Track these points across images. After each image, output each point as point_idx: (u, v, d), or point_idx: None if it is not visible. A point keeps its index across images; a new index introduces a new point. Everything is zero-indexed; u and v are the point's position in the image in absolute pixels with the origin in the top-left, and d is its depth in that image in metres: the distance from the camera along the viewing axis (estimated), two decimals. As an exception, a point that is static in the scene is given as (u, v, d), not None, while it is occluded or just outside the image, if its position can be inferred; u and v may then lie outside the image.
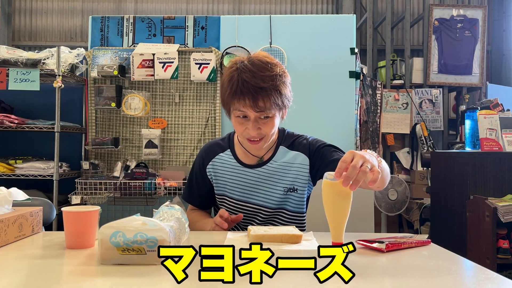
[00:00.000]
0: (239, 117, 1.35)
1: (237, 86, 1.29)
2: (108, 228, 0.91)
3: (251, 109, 1.30)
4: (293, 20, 3.12)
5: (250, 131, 1.33)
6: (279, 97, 1.31)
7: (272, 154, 1.48)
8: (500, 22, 5.56)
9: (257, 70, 1.30)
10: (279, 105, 1.33)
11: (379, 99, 4.18)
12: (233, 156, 1.50)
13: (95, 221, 1.10)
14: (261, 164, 1.47)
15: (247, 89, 1.28)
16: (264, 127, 1.35)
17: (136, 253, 0.90)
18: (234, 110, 1.35)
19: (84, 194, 2.72)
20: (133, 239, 0.90)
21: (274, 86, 1.30)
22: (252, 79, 1.28)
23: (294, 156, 1.47)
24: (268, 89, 1.29)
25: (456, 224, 2.80)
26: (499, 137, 2.75)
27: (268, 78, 1.29)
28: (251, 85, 1.28)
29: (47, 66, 2.73)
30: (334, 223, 1.07)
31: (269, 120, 1.34)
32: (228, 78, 1.34)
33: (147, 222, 0.94)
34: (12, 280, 0.84)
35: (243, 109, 1.31)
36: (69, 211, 1.07)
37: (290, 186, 1.46)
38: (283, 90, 1.33)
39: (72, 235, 1.07)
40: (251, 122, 1.33)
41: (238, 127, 1.37)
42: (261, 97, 1.29)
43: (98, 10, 5.68)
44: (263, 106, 1.30)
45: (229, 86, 1.32)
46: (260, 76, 1.29)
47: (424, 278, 0.87)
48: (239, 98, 1.30)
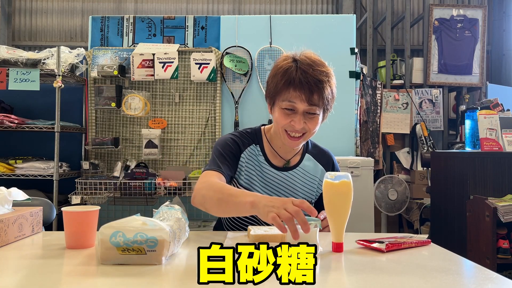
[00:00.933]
0: (286, 109, 1.31)
1: (296, 75, 1.28)
2: (108, 228, 0.91)
3: (304, 102, 1.29)
4: (293, 20, 3.12)
5: (296, 123, 1.30)
6: (331, 94, 1.34)
7: (299, 160, 1.48)
8: (500, 22, 5.56)
9: (315, 65, 1.31)
10: (328, 102, 1.34)
11: (379, 99, 4.18)
12: (261, 153, 1.46)
13: (95, 221, 1.10)
14: (287, 169, 1.46)
15: (305, 79, 1.27)
16: (309, 122, 1.33)
17: (136, 253, 0.90)
18: (283, 101, 1.31)
19: (84, 194, 2.72)
20: (133, 239, 0.90)
21: (329, 82, 1.32)
22: (312, 72, 1.29)
23: (317, 168, 1.49)
24: (324, 83, 1.30)
25: (456, 224, 2.80)
26: (499, 137, 2.75)
27: (325, 73, 1.31)
28: (311, 77, 1.28)
29: (47, 66, 2.73)
30: (334, 223, 1.07)
31: (314, 117, 1.33)
32: (283, 68, 1.31)
33: (147, 222, 0.93)
34: (12, 280, 0.84)
35: (295, 100, 1.29)
36: (69, 211, 1.07)
37: (309, 198, 1.47)
38: (334, 90, 1.36)
39: (72, 235, 1.07)
40: (299, 115, 1.31)
41: (283, 119, 1.33)
42: (317, 91, 1.29)
43: (98, 10, 5.68)
44: (316, 100, 1.29)
45: (285, 75, 1.30)
46: (318, 70, 1.30)
47: (424, 278, 0.87)
48: (295, 88, 1.28)
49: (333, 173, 1.09)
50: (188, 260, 0.98)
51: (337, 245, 1.06)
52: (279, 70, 1.33)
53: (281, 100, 1.32)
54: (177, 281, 0.85)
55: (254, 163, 1.45)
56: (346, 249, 1.08)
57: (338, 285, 0.86)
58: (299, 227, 1.02)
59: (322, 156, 1.52)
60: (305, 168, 1.48)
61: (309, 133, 1.35)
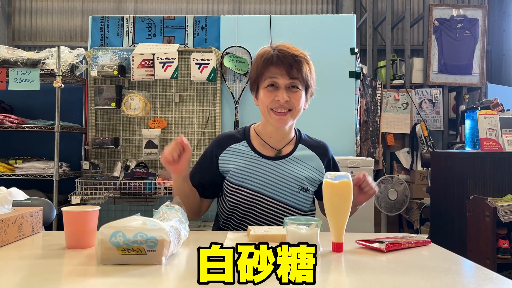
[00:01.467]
0: (268, 86, 1.40)
1: (273, 54, 1.39)
2: (108, 228, 0.91)
3: (285, 76, 1.38)
4: (293, 20, 3.12)
5: (280, 97, 1.38)
6: (309, 73, 1.42)
7: (291, 150, 1.50)
8: (500, 22, 5.56)
9: (291, 47, 1.42)
10: (308, 81, 1.42)
11: (379, 99, 4.18)
12: (250, 147, 1.50)
13: (95, 221, 1.10)
14: (280, 158, 1.48)
15: (283, 56, 1.38)
16: (293, 97, 1.39)
17: (136, 253, 0.90)
18: (265, 81, 1.40)
19: (84, 194, 2.72)
20: (133, 239, 0.90)
21: (306, 60, 1.42)
22: (288, 51, 1.40)
23: (312, 156, 1.51)
24: (302, 59, 1.40)
25: (456, 224, 2.80)
26: (499, 137, 2.75)
27: (301, 53, 1.42)
28: (288, 53, 1.39)
29: (47, 66, 2.73)
30: (334, 223, 1.07)
31: (297, 92, 1.40)
32: (262, 53, 1.43)
33: (147, 222, 0.93)
34: (13, 280, 0.84)
35: (275, 75, 1.38)
36: (69, 211, 1.07)
37: (304, 185, 1.47)
38: (312, 70, 1.44)
39: (72, 235, 1.07)
40: (281, 89, 1.39)
41: (267, 97, 1.40)
42: (295, 66, 1.38)
43: (98, 10, 5.68)
44: (295, 73, 1.38)
45: (263, 57, 1.41)
46: (295, 49, 1.42)
47: (424, 278, 0.87)
48: (274, 65, 1.38)
49: (333, 173, 1.09)
50: (188, 260, 0.98)
51: (337, 245, 1.06)
52: (258, 57, 1.45)
53: (263, 80, 1.41)
54: (177, 281, 0.86)
55: (245, 158, 1.48)
56: (346, 249, 1.08)
57: (338, 285, 0.86)
58: (300, 227, 1.02)
59: (317, 146, 1.55)
60: (299, 157, 1.50)
61: (295, 110, 1.41)
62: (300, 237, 1.01)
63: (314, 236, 1.03)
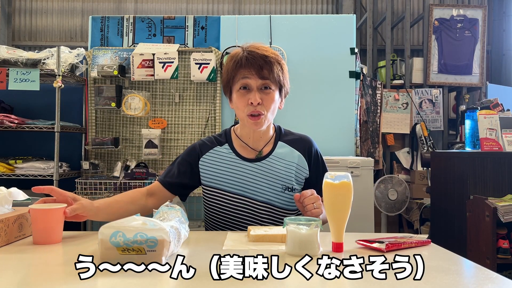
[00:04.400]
0: (241, 89, 1.39)
1: (242, 56, 1.39)
2: (108, 228, 0.91)
3: (256, 77, 1.37)
4: (293, 20, 3.12)
5: (253, 99, 1.37)
6: (281, 73, 1.41)
7: (271, 149, 1.49)
8: (500, 22, 5.56)
9: (261, 47, 1.42)
10: (280, 81, 1.41)
11: (379, 99, 4.18)
12: (231, 150, 1.49)
13: (60, 218, 1.14)
14: (260, 159, 1.47)
15: (252, 58, 1.37)
16: (265, 99, 1.39)
17: (136, 253, 0.90)
18: (237, 83, 1.40)
19: (84, 194, 2.72)
20: (133, 239, 0.90)
21: (277, 60, 1.40)
22: (257, 51, 1.39)
23: (293, 154, 1.49)
24: (272, 59, 1.39)
25: (456, 224, 2.80)
26: (499, 137, 2.75)
27: (271, 53, 1.41)
28: (258, 54, 1.38)
29: (47, 66, 2.73)
30: (334, 223, 1.07)
31: (270, 93, 1.40)
32: (232, 55, 1.43)
33: (147, 222, 0.93)
34: (13, 280, 0.84)
35: (247, 75, 1.37)
36: (35, 209, 1.12)
37: (288, 184, 1.46)
38: (284, 69, 1.43)
39: (39, 231, 1.12)
40: (254, 91, 1.38)
41: (240, 100, 1.40)
42: (265, 66, 1.37)
43: (98, 10, 5.68)
44: (266, 74, 1.37)
45: (233, 59, 1.40)
46: (264, 49, 1.41)
47: (424, 278, 0.87)
48: (245, 66, 1.37)
49: (333, 173, 1.09)
50: (188, 260, 0.98)
51: (337, 245, 1.06)
52: (228, 59, 1.44)
53: (235, 83, 1.41)
54: (177, 281, 0.85)
55: (225, 161, 1.47)
56: (346, 249, 1.08)
57: (338, 285, 0.86)
58: (300, 227, 1.02)
59: (297, 142, 1.52)
60: (279, 155, 1.48)
61: (268, 112, 1.40)
62: (300, 237, 1.01)
63: (314, 236, 1.03)
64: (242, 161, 1.47)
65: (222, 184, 1.46)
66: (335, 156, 2.78)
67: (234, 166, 1.46)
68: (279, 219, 1.45)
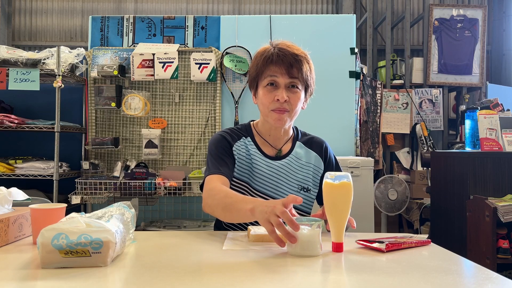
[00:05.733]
0: (268, 85, 1.39)
1: (273, 53, 1.38)
2: (50, 231, 0.88)
3: (285, 75, 1.37)
4: (293, 20, 3.12)
5: (280, 96, 1.36)
6: (309, 72, 1.41)
7: (290, 148, 1.50)
8: (500, 22, 5.56)
9: (291, 46, 1.41)
10: (308, 81, 1.41)
11: (379, 99, 4.18)
12: (253, 143, 1.49)
13: (60, 217, 1.11)
14: (280, 158, 1.48)
15: (283, 55, 1.37)
16: (292, 98, 1.38)
17: (80, 256, 0.88)
18: (265, 79, 1.39)
19: (84, 194, 2.72)
20: (77, 241, 0.88)
21: (307, 59, 1.41)
22: (288, 49, 1.39)
23: (310, 155, 1.51)
24: (302, 58, 1.38)
25: (456, 224, 2.80)
26: (499, 137, 2.75)
27: (301, 52, 1.41)
28: (289, 52, 1.37)
29: (47, 66, 2.73)
30: (334, 223, 1.07)
31: (297, 92, 1.39)
32: (262, 51, 1.42)
33: (91, 223, 0.92)
34: (13, 279, 0.84)
35: (275, 73, 1.37)
36: (35, 208, 1.10)
37: (304, 185, 1.47)
38: (312, 69, 1.43)
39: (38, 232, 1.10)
40: (281, 89, 1.37)
41: (267, 96, 1.39)
42: (295, 65, 1.37)
43: (98, 10, 5.68)
44: (296, 73, 1.37)
45: (264, 55, 1.40)
46: (295, 49, 1.40)
47: (424, 278, 0.87)
48: (274, 63, 1.37)
49: (333, 173, 1.09)
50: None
51: (337, 245, 1.06)
52: (258, 54, 1.44)
53: (263, 78, 1.40)
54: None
55: (246, 155, 1.46)
56: (346, 249, 1.08)
57: (338, 285, 0.86)
58: (302, 227, 1.01)
59: (313, 143, 1.53)
60: (298, 156, 1.49)
61: (293, 110, 1.40)
62: (302, 238, 1.01)
63: (316, 237, 1.03)
64: (264, 157, 1.47)
65: (245, 176, 1.45)
66: (336, 156, 2.78)
67: (257, 161, 1.46)
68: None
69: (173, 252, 1.05)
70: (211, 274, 0.89)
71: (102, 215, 1.03)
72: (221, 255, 1.03)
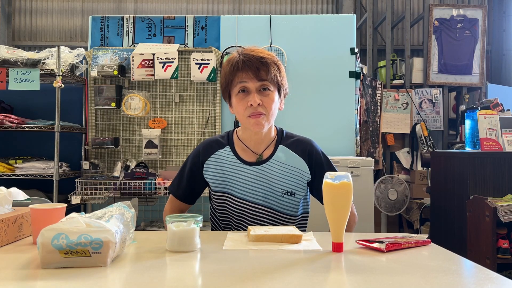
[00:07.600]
0: (239, 92, 1.39)
1: (239, 60, 1.39)
2: (50, 231, 0.89)
3: (253, 79, 1.37)
4: (293, 20, 3.12)
5: (252, 100, 1.36)
6: (278, 73, 1.41)
7: (272, 152, 1.47)
8: (500, 22, 5.56)
9: (256, 50, 1.42)
10: (278, 81, 1.41)
11: (379, 99, 4.18)
12: (232, 152, 1.48)
13: (60, 217, 1.11)
14: (261, 162, 1.46)
15: (249, 60, 1.38)
16: (265, 100, 1.38)
17: (80, 256, 0.88)
18: (235, 87, 1.39)
19: (84, 194, 2.72)
20: (77, 241, 0.88)
21: (273, 61, 1.41)
22: (253, 54, 1.40)
23: (294, 158, 1.47)
24: (268, 60, 1.39)
25: (456, 224, 2.80)
26: (499, 137, 2.75)
27: (267, 54, 1.42)
28: (253, 57, 1.38)
29: (47, 66, 2.73)
30: (334, 223, 1.07)
31: (269, 94, 1.39)
32: (228, 61, 1.43)
33: (91, 223, 0.92)
34: (13, 279, 0.84)
35: (244, 79, 1.37)
36: (35, 208, 1.11)
37: (288, 189, 1.44)
38: (281, 69, 1.43)
39: (38, 231, 1.10)
40: (253, 93, 1.38)
41: (240, 104, 1.39)
42: (262, 68, 1.37)
43: (98, 10, 5.68)
44: (264, 75, 1.37)
45: (230, 64, 1.41)
46: (260, 52, 1.42)
47: (424, 278, 0.87)
48: (242, 69, 1.38)
49: (333, 173, 1.09)
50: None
51: (337, 245, 1.06)
52: (225, 64, 1.45)
53: (234, 87, 1.40)
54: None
55: (227, 164, 1.47)
56: (346, 249, 1.08)
57: (338, 285, 0.86)
58: (179, 224, 1.05)
59: (297, 145, 1.50)
60: (279, 159, 1.47)
61: (268, 113, 1.40)
62: (179, 234, 1.05)
63: (192, 233, 1.07)
64: (243, 164, 1.46)
65: (225, 187, 1.46)
66: (335, 156, 2.78)
67: (236, 170, 1.46)
68: (280, 223, 1.45)
69: (173, 252, 1.05)
70: (211, 274, 0.89)
71: (102, 215, 1.02)
72: (221, 255, 1.03)
